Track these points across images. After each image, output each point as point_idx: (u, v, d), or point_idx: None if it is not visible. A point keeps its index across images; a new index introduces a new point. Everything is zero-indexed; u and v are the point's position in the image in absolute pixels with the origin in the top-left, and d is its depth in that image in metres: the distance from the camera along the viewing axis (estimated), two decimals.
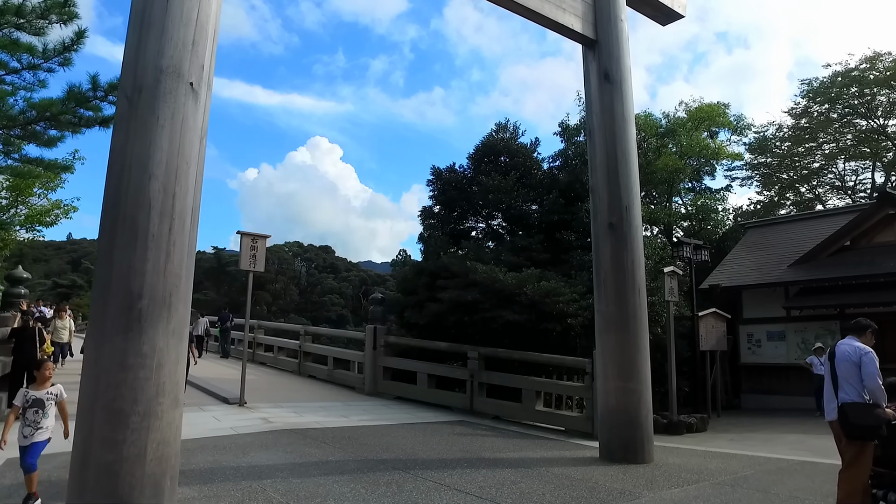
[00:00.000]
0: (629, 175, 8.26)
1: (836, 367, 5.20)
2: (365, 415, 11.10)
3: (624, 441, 7.73)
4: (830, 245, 16.73)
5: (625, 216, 8.11)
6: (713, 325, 15.67)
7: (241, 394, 11.12)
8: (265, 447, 7.77)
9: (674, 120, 22.80)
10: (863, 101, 27.38)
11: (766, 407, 16.64)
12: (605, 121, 8.39)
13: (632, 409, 7.73)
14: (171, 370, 4.33)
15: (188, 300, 4.60)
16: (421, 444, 8.44)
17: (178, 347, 4.42)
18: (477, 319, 12.58)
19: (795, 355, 16.73)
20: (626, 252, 8.04)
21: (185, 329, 4.58)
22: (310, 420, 10.12)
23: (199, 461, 6.80)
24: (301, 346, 17.24)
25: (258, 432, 8.82)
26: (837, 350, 5.31)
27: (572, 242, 14.11)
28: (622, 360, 7.88)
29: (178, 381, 4.42)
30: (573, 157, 15.75)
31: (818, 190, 31.04)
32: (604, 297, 8.14)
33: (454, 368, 12.71)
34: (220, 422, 9.55)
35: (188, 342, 5.16)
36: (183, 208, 4.52)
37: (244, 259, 11.43)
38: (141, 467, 4.02)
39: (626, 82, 8.51)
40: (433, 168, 15.87)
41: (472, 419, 11.34)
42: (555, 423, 10.85)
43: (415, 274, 14.71)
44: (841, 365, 5.17)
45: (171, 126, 4.52)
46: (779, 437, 10.89)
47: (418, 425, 10.34)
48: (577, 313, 12.05)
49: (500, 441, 9.23)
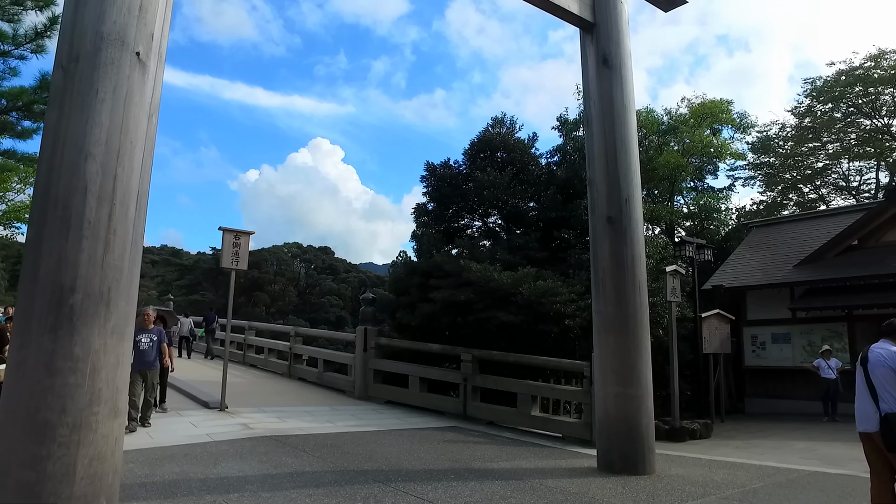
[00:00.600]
0: (629, 165, 7.74)
1: (870, 374, 4.66)
2: (352, 420, 10.59)
3: (623, 451, 7.20)
4: (837, 244, 16.22)
5: (624, 209, 7.59)
6: (716, 326, 15.16)
7: (221, 398, 10.61)
8: (239, 456, 7.25)
9: (676, 117, 22.29)
10: (867, 100, 26.91)
11: (771, 411, 16.13)
12: (603, 108, 7.88)
13: (632, 416, 7.21)
14: (110, 375, 3.81)
15: (132, 295, 4.09)
16: (407, 453, 7.92)
17: (119, 349, 3.90)
18: (471, 320, 12.06)
19: (801, 358, 16.22)
20: (626, 247, 7.52)
21: (129, 328, 4.07)
22: (293, 426, 9.60)
23: (165, 472, 6.28)
24: (291, 347, 16.72)
25: (235, 439, 8.30)
26: (871, 355, 4.77)
27: (570, 241, 13.59)
28: (622, 364, 7.36)
29: (119, 387, 3.91)
30: (572, 152, 15.21)
31: (822, 190, 30.56)
32: (602, 297, 7.62)
33: (447, 371, 12.19)
34: (196, 428, 9.03)
35: (172, 344, 4.65)
36: (126, 192, 4.01)
37: (226, 256, 10.93)
38: (68, 487, 3.51)
39: (625, 67, 8.00)
40: (427, 164, 15.35)
41: (465, 425, 10.83)
42: (551, 429, 10.34)
43: (407, 273, 14.19)
44: (877, 371, 4.63)
45: (113, 100, 4.01)
46: (787, 445, 10.35)
47: (407, 432, 9.83)
48: (575, 314, 11.53)
49: (492, 449, 8.71)
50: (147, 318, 9.11)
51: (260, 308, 61.28)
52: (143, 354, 8.83)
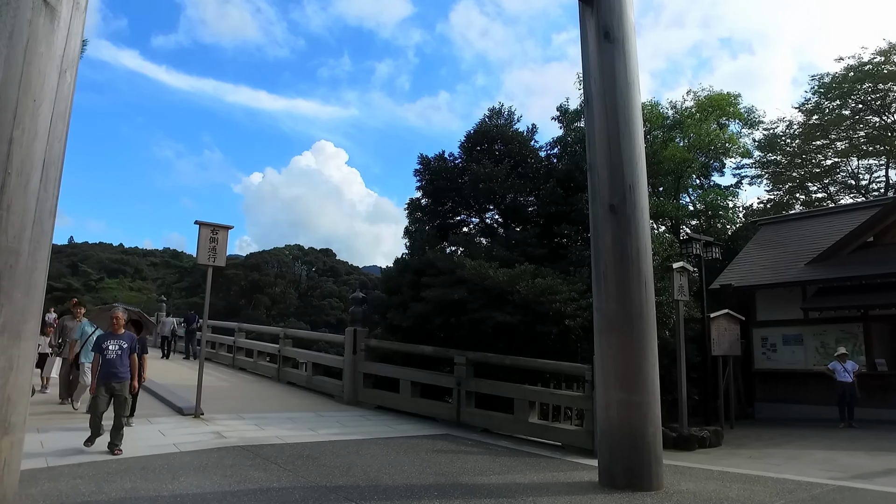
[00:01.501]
0: (633, 148, 7.03)
1: None
2: (336, 428, 9.87)
3: (628, 464, 6.47)
4: (852, 241, 15.47)
5: (628, 196, 6.87)
6: (726, 327, 14.41)
7: (196, 404, 9.90)
8: (202, 470, 6.55)
9: (681, 111, 21.50)
10: (877, 97, 26.14)
11: (782, 417, 15.37)
12: (605, 86, 7.17)
13: (637, 425, 6.48)
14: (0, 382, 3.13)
15: (35, 285, 3.40)
16: (390, 466, 7.21)
17: (12, 350, 3.21)
18: (465, 321, 11.33)
19: (814, 361, 15.47)
20: (630, 238, 6.80)
21: (30, 325, 3.38)
22: (270, 434, 8.89)
23: (113, 490, 5.59)
24: (280, 350, 16.03)
25: (203, 450, 7.60)
26: None
27: (572, 236, 12.88)
28: (625, 368, 6.63)
29: (12, 397, 3.21)
30: (573, 143, 14.48)
31: (830, 189, 29.77)
32: (603, 293, 6.90)
33: (439, 375, 11.45)
34: (164, 437, 8.33)
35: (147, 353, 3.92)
36: (27, 160, 3.33)
37: (202, 252, 10.24)
38: None
39: (629, 41, 7.29)
40: (420, 157, 14.63)
41: (457, 432, 10.11)
42: (550, 437, 9.62)
43: (399, 271, 13.47)
44: None
45: (10, 49, 3.32)
46: (804, 455, 9.59)
47: (394, 440, 9.11)
48: (576, 314, 10.81)
49: (485, 460, 7.99)
50: (116, 321, 7.76)
51: (261, 310, 60.67)
52: (111, 364, 7.42)
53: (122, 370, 7.49)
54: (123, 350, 7.57)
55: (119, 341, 7.59)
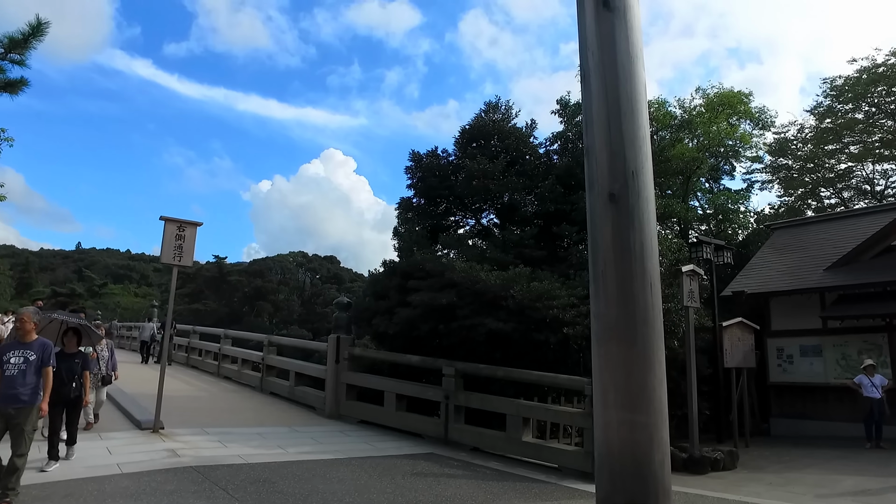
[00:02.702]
0: (636, 129, 6.02)
1: None
2: (309, 445, 8.94)
3: (631, 495, 5.44)
4: (874, 245, 14.40)
5: (631, 183, 5.84)
6: (739, 337, 13.37)
7: (156, 417, 9.00)
8: (133, 499, 5.65)
9: (690, 109, 20.54)
10: (891, 100, 25.14)
11: (799, 434, 14.26)
12: (603, 59, 6.15)
13: (641, 451, 5.44)
14: None
15: None
16: (357, 493, 6.29)
17: None
18: (455, 328, 10.41)
19: (835, 374, 14.38)
20: (633, 232, 5.77)
21: None
22: (232, 453, 7.98)
23: None
24: (264, 358, 15.13)
25: (147, 471, 6.70)
26: None
27: (572, 237, 11.92)
28: (628, 382, 5.60)
29: None
30: (574, 138, 13.58)
31: (844, 194, 28.68)
32: (602, 296, 5.88)
33: (426, 388, 10.48)
34: (109, 456, 7.44)
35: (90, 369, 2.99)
36: None
37: (167, 250, 9.38)
38: None
39: (631, 10, 6.29)
40: (412, 153, 13.69)
41: (444, 451, 9.16)
42: (546, 458, 8.67)
43: (386, 274, 12.54)
44: None
45: None
46: (832, 481, 8.54)
47: (371, 461, 8.17)
48: (575, 321, 9.85)
49: (468, 486, 7.05)
50: (23, 324, 6.01)
51: (263, 318, 59.99)
52: (10, 383, 5.66)
53: (23, 391, 5.69)
54: (30, 363, 5.81)
55: (24, 352, 5.86)
